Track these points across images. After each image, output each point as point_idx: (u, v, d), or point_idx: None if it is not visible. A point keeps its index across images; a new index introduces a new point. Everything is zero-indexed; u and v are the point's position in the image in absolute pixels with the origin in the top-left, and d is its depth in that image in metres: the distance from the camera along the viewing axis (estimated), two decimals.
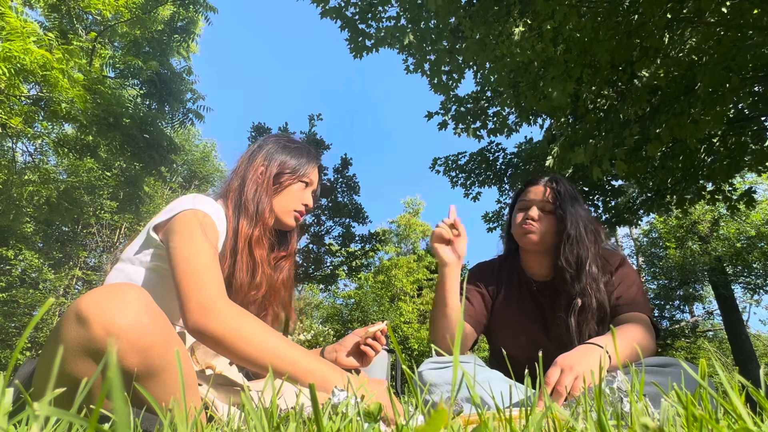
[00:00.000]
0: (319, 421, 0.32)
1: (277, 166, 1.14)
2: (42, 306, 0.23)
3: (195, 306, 0.81)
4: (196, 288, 0.84)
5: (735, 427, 0.37)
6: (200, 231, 0.92)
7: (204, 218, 0.95)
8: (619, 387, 0.60)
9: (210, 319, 0.80)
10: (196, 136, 15.74)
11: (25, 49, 4.73)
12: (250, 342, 0.81)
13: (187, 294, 0.83)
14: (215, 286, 0.86)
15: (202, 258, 0.88)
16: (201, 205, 0.98)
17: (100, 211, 12.15)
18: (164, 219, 0.97)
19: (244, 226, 1.04)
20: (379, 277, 16.50)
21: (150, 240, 0.98)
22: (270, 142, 1.18)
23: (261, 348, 0.81)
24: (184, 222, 0.93)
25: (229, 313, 0.83)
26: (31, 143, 7.67)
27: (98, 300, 0.62)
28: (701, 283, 11.86)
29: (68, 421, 0.42)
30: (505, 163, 6.74)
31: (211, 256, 0.90)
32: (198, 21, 7.90)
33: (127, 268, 1.00)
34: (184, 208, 0.96)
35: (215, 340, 0.80)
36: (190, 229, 0.92)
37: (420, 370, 1.12)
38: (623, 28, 3.05)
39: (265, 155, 1.14)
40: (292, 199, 1.15)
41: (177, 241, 0.91)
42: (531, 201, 1.34)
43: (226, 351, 0.81)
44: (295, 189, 1.15)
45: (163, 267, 0.96)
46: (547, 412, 0.40)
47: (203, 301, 0.82)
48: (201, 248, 0.90)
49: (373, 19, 4.54)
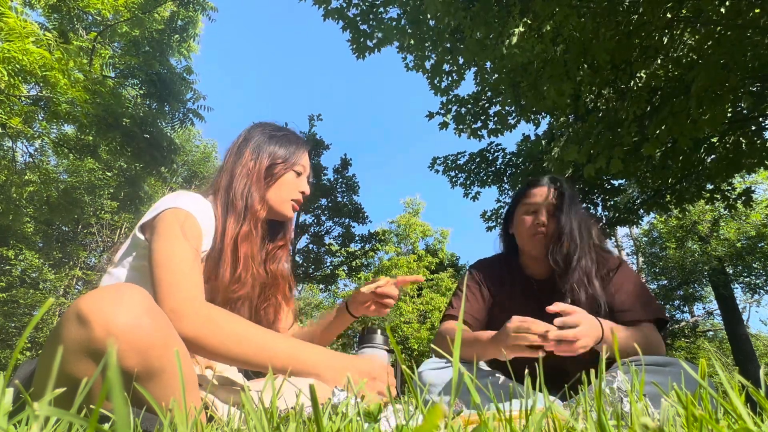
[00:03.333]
0: (319, 421, 0.32)
1: (267, 158, 1.11)
2: (42, 306, 0.23)
3: (168, 311, 0.80)
4: (169, 293, 0.83)
5: (735, 427, 0.37)
6: (179, 232, 0.90)
7: (185, 218, 0.94)
8: (619, 387, 0.60)
9: (182, 323, 0.80)
10: (197, 136, 15.73)
11: (24, 49, 4.73)
12: (225, 340, 0.81)
13: (162, 298, 0.83)
14: (189, 289, 0.85)
15: (177, 261, 0.87)
16: (183, 203, 0.96)
17: (100, 211, 12.15)
18: (149, 218, 0.96)
19: (231, 224, 1.03)
20: (379, 277, 16.48)
21: (136, 241, 0.97)
22: (256, 133, 1.15)
23: (238, 343, 0.82)
24: (163, 223, 0.92)
25: (201, 314, 0.82)
26: (31, 143, 7.67)
27: (98, 300, 0.62)
28: (701, 283, 11.86)
29: (68, 421, 0.42)
30: (505, 163, 6.75)
31: (188, 258, 0.88)
32: (198, 21, 7.90)
33: (117, 271, 0.99)
34: (166, 208, 0.95)
35: (189, 342, 0.79)
36: (168, 230, 0.91)
37: (420, 371, 1.12)
38: (623, 28, 3.06)
39: (252, 148, 1.11)
40: (288, 188, 1.13)
41: (155, 243, 0.90)
42: (537, 204, 1.33)
43: (203, 352, 0.81)
44: (288, 178, 1.13)
45: (146, 265, 0.95)
46: (547, 412, 0.40)
47: (175, 305, 0.81)
48: (178, 250, 0.88)
49: (374, 20, 4.55)
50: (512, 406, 0.48)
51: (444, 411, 0.19)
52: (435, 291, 16.68)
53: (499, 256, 1.50)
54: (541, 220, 1.30)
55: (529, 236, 1.33)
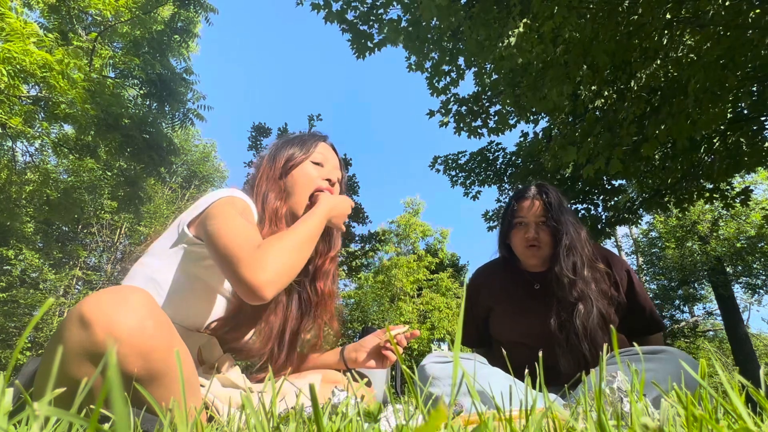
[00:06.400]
0: (319, 421, 0.32)
1: (283, 157, 1.12)
2: (42, 306, 0.23)
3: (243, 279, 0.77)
4: (236, 261, 0.79)
5: (735, 427, 0.37)
6: (238, 214, 0.90)
7: (243, 207, 0.94)
8: (619, 387, 0.60)
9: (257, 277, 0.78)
10: (196, 136, 15.73)
11: (24, 50, 4.73)
12: (283, 259, 0.81)
13: (232, 271, 0.79)
14: (248, 248, 0.82)
15: (242, 234, 0.84)
16: (237, 194, 0.98)
17: (100, 211, 12.14)
18: (197, 213, 0.94)
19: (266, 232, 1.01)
20: (379, 277, 16.48)
21: (183, 236, 0.94)
22: (275, 143, 1.19)
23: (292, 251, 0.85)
24: (221, 207, 0.91)
25: (260, 257, 0.80)
26: (31, 143, 7.67)
27: (101, 303, 0.62)
28: (701, 283, 11.85)
29: (68, 421, 0.42)
30: (505, 163, 6.75)
31: (253, 230, 0.88)
32: (198, 21, 7.90)
33: (154, 262, 0.95)
34: (221, 196, 0.94)
35: (271, 283, 0.79)
36: (227, 211, 0.89)
37: (423, 364, 1.13)
38: (623, 29, 3.06)
39: (270, 154, 1.14)
40: (306, 179, 1.09)
41: (215, 223, 0.87)
42: (526, 218, 1.37)
43: (286, 279, 0.83)
44: (306, 169, 1.10)
45: (194, 272, 0.93)
46: (547, 412, 0.40)
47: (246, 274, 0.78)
48: (241, 226, 0.86)
49: (375, 21, 4.55)
50: (512, 405, 0.48)
51: (447, 414, 0.18)
52: (435, 291, 16.68)
53: (500, 260, 1.53)
54: (531, 235, 1.34)
55: (523, 249, 1.37)
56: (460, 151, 6.84)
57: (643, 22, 2.98)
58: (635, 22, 3.04)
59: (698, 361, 0.76)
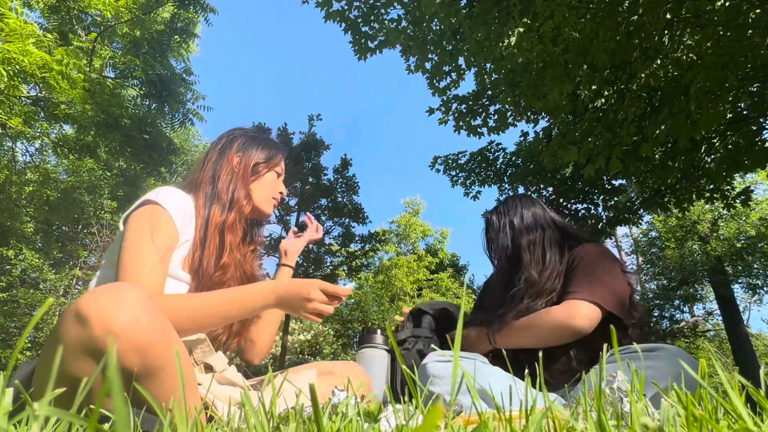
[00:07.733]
0: (319, 421, 0.32)
1: (252, 156, 1.17)
2: (42, 306, 0.23)
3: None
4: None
5: (735, 427, 0.37)
6: (148, 232, 0.92)
7: (160, 215, 0.95)
8: (619, 387, 0.60)
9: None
10: (196, 136, 15.72)
11: (24, 50, 4.72)
12: (176, 316, 0.82)
13: None
14: (150, 286, 0.86)
15: (142, 260, 0.88)
16: (162, 198, 0.97)
17: (100, 211, 12.13)
18: (129, 211, 0.98)
19: (217, 213, 1.05)
20: (379, 277, 16.48)
21: (120, 235, 0.98)
22: (239, 135, 1.21)
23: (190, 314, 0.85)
24: (135, 222, 0.94)
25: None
26: (31, 143, 7.67)
27: (98, 299, 0.62)
28: (701, 283, 11.84)
29: (68, 421, 0.42)
30: (505, 162, 6.75)
31: (153, 258, 0.89)
32: (197, 22, 7.90)
33: (104, 271, 0.99)
34: (143, 203, 0.97)
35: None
36: (137, 230, 0.92)
37: (425, 362, 1.13)
38: (623, 29, 3.05)
39: (238, 147, 1.17)
40: (268, 187, 1.20)
41: (125, 241, 0.91)
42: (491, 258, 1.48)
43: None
44: (269, 178, 1.20)
45: None
46: (547, 412, 0.40)
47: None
48: (143, 250, 0.89)
49: (375, 21, 4.55)
50: (512, 405, 0.48)
51: (444, 412, 0.18)
52: (435, 291, 16.68)
53: None
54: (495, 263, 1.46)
55: None
56: (460, 151, 6.84)
57: (643, 21, 2.98)
58: (635, 21, 3.04)
59: (697, 360, 0.76)
